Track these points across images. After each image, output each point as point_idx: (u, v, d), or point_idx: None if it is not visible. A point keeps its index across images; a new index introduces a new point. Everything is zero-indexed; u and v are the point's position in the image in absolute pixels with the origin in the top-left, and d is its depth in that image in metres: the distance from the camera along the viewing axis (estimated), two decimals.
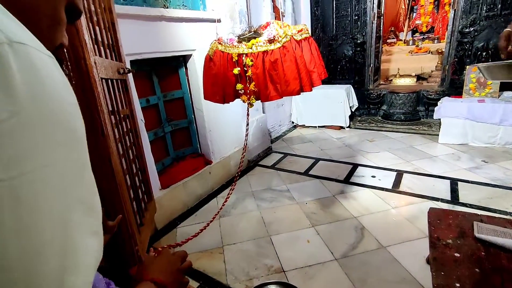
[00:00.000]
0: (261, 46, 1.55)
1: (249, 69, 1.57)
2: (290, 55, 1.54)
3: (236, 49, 1.61)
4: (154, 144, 2.35)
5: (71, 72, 0.87)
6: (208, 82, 1.83)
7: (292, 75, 1.56)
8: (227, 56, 1.67)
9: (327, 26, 4.71)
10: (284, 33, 1.54)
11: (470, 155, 3.09)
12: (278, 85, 1.59)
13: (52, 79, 0.25)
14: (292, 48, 1.55)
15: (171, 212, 2.29)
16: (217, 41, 1.75)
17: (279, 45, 1.53)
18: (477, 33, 3.74)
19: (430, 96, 4.23)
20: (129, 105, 1.55)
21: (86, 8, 1.04)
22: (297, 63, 1.55)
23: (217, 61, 1.72)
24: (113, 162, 1.03)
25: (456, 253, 1.35)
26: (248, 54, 1.57)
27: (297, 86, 1.59)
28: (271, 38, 1.55)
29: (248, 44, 1.58)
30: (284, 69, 1.55)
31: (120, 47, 1.47)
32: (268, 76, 1.58)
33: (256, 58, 1.56)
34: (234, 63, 1.65)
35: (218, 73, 1.74)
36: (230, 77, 1.69)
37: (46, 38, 0.35)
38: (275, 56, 1.55)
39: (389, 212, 2.18)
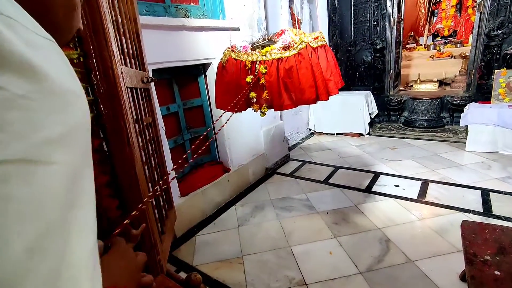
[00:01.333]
0: (275, 53, 1.51)
1: (263, 77, 1.53)
2: (305, 62, 1.49)
3: (249, 57, 1.58)
4: (174, 151, 2.37)
5: (99, 81, 0.88)
6: (220, 90, 1.80)
7: (307, 83, 1.50)
8: (240, 63, 1.63)
9: (345, 32, 4.65)
10: (300, 40, 1.49)
11: (501, 164, 2.91)
12: (292, 93, 1.54)
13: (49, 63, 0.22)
14: (308, 55, 1.50)
15: (190, 219, 2.28)
16: (230, 49, 1.72)
17: (294, 52, 1.48)
18: (505, 36, 3.57)
19: (455, 102, 4.06)
20: (152, 113, 1.56)
21: (114, 20, 1.06)
22: (313, 71, 1.50)
23: (230, 69, 1.70)
24: (137, 171, 1.03)
25: (496, 271, 1.24)
26: (262, 61, 1.53)
27: (313, 94, 1.53)
28: (286, 45, 1.51)
29: (262, 51, 1.54)
30: (300, 76, 1.49)
31: (143, 56, 1.50)
32: (282, 84, 1.53)
33: (270, 65, 1.52)
34: (247, 70, 1.61)
35: (230, 81, 1.71)
36: (243, 85, 1.65)
37: (64, 27, 0.34)
38: (290, 63, 1.50)
39: (416, 224, 2.07)
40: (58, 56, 0.25)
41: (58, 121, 0.22)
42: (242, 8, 2.66)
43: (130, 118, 1.05)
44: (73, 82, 0.26)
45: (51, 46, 0.24)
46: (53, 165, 0.21)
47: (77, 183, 0.24)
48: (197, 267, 1.84)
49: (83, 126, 0.26)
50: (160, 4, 2.08)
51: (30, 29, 0.22)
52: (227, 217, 2.41)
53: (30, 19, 0.23)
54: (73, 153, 0.23)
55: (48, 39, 0.24)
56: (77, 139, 0.24)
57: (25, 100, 0.19)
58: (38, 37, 0.23)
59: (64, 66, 0.25)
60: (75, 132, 0.24)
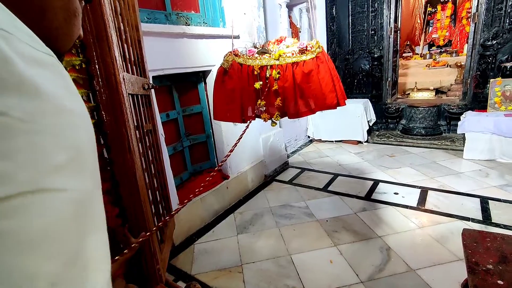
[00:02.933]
0: (289, 57, 1.40)
1: (275, 83, 1.42)
2: (324, 66, 1.40)
3: (258, 61, 1.46)
4: (173, 158, 2.36)
5: (101, 87, 0.88)
6: (222, 99, 1.64)
7: (328, 87, 1.41)
8: (247, 68, 1.51)
9: (343, 41, 4.71)
10: (317, 43, 1.42)
11: (499, 171, 2.93)
12: (310, 99, 1.44)
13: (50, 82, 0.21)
14: (325, 59, 1.42)
15: (188, 227, 2.25)
16: (233, 53, 1.60)
17: (312, 56, 1.39)
18: (500, 46, 3.63)
19: (452, 110, 4.10)
20: (152, 120, 1.56)
21: (117, 27, 1.06)
22: (331, 75, 1.42)
23: (234, 75, 1.57)
24: (138, 178, 1.02)
25: (499, 280, 1.23)
26: (274, 66, 1.42)
27: (334, 99, 1.44)
28: (303, 47, 1.41)
29: (275, 55, 1.44)
30: (320, 80, 1.40)
31: (145, 63, 1.50)
32: (298, 90, 1.43)
33: (285, 70, 1.41)
34: (255, 76, 1.49)
35: (235, 88, 1.58)
36: (251, 92, 1.54)
37: (64, 33, 0.33)
38: (309, 67, 1.40)
39: (416, 232, 2.06)
40: (59, 74, 0.23)
41: (65, 145, 0.21)
42: (242, 17, 2.69)
43: (131, 125, 1.05)
44: (76, 101, 0.25)
45: (51, 62, 0.23)
46: (65, 192, 0.20)
47: (89, 207, 0.23)
48: (195, 276, 1.80)
49: (89, 147, 0.25)
50: (161, 11, 2.10)
51: (28, 43, 0.21)
52: (226, 225, 2.39)
53: (28, 31, 0.22)
54: (82, 176, 0.22)
55: (49, 55, 0.23)
56: (85, 161, 0.24)
57: (28, 125, 0.18)
58: (37, 52, 0.22)
59: (66, 84, 0.24)
60: (83, 154, 0.23)
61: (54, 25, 0.31)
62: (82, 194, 0.22)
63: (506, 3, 3.50)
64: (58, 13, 0.31)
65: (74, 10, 0.33)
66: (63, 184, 0.20)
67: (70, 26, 0.34)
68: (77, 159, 0.22)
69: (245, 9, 2.71)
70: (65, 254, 0.19)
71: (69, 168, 0.21)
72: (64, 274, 0.19)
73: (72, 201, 0.21)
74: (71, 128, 0.22)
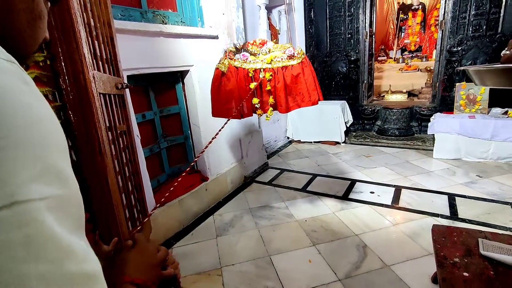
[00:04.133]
0: (279, 61, 1.66)
1: (268, 83, 1.68)
2: (308, 69, 1.68)
3: (252, 65, 1.69)
4: (150, 160, 2.29)
5: (68, 86, 0.83)
6: (220, 98, 1.86)
7: (311, 86, 1.70)
8: (243, 71, 1.74)
9: (321, 43, 4.82)
10: (301, 51, 1.68)
11: (464, 170, 3.11)
12: (298, 96, 1.71)
13: (12, 91, 0.21)
14: (308, 63, 1.69)
15: (166, 231, 2.19)
16: (228, 57, 1.78)
17: (299, 61, 1.66)
18: (464, 52, 3.88)
19: (423, 112, 4.32)
20: (126, 120, 1.50)
21: (86, 23, 1.01)
22: (313, 76, 1.70)
23: (231, 77, 1.77)
24: (109, 181, 0.97)
25: (464, 272, 1.31)
26: (266, 69, 1.68)
27: (316, 96, 1.74)
28: (291, 54, 1.67)
29: (267, 59, 1.68)
30: (305, 81, 1.67)
31: (118, 61, 1.45)
32: (288, 90, 1.70)
33: (276, 73, 1.67)
34: (250, 78, 1.73)
35: (233, 89, 1.79)
36: (247, 92, 1.77)
37: (28, 36, 0.32)
38: (296, 70, 1.67)
39: (390, 229, 2.13)
40: (20, 81, 0.23)
41: (37, 154, 0.21)
42: (221, 17, 2.67)
43: (103, 125, 1.00)
44: (44, 108, 0.24)
45: (14, 70, 0.22)
46: (43, 201, 0.20)
47: (70, 211, 0.23)
48: None
49: (62, 151, 0.25)
50: (137, 9, 2.03)
51: None
52: (205, 228, 2.35)
53: None
54: (59, 182, 0.23)
55: (11, 61, 0.23)
56: (60, 166, 0.24)
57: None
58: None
59: (31, 91, 0.23)
60: (56, 160, 0.23)
61: (17, 28, 0.30)
62: (60, 201, 0.22)
63: (469, 13, 3.74)
64: (21, 15, 0.30)
65: (39, 12, 0.32)
66: (40, 193, 0.20)
67: (34, 28, 0.32)
68: (52, 165, 0.22)
69: (224, 10, 2.70)
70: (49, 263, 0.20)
71: (44, 176, 0.21)
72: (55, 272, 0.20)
73: (51, 208, 0.21)
74: (42, 136, 0.22)
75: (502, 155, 3.20)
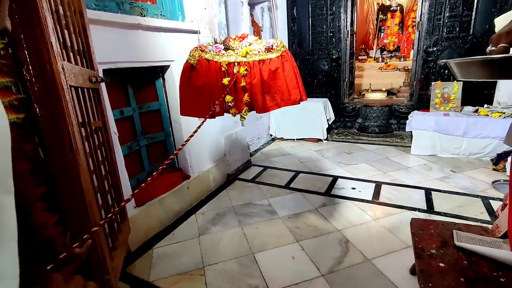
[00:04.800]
0: (256, 54, 1.47)
1: (243, 79, 1.48)
2: (288, 64, 1.50)
3: (225, 57, 1.49)
4: (128, 158, 2.20)
5: (33, 77, 0.76)
6: (190, 95, 1.64)
7: (292, 84, 1.51)
8: (214, 65, 1.54)
9: (303, 41, 4.85)
10: (281, 43, 1.49)
11: (439, 165, 3.24)
12: (277, 95, 1.52)
13: None
14: (289, 57, 1.51)
15: (146, 231, 2.12)
16: (199, 48, 1.60)
17: (278, 54, 1.47)
18: (439, 52, 4.03)
19: (401, 110, 4.46)
20: (102, 116, 1.43)
21: (54, 9, 0.94)
22: (295, 72, 1.51)
23: (202, 71, 1.57)
24: (82, 180, 0.92)
25: (440, 263, 1.35)
26: (241, 63, 1.47)
27: (298, 95, 1.55)
28: (269, 46, 1.48)
29: (242, 52, 1.48)
30: (285, 77, 1.49)
31: (92, 54, 1.37)
32: (266, 86, 1.50)
33: (252, 67, 1.48)
34: (223, 72, 1.53)
35: (204, 84, 1.59)
36: (219, 88, 1.56)
37: None
38: (275, 64, 1.48)
39: (371, 224, 2.18)
40: None
41: None
42: (202, 11, 2.61)
43: (74, 120, 0.94)
44: None
45: None
46: None
47: None
48: (154, 283, 1.70)
49: None
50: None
51: None
52: (187, 227, 2.30)
53: None
54: None
55: None
56: None
57: None
58: None
59: None
60: None
61: None
62: None
63: (443, 14, 3.89)
64: None
65: None
66: None
67: None
68: None
69: (206, 4, 2.64)
70: None
71: None
72: None
73: None
74: None
75: (473, 151, 3.36)
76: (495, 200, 2.41)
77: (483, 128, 3.25)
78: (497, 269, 1.25)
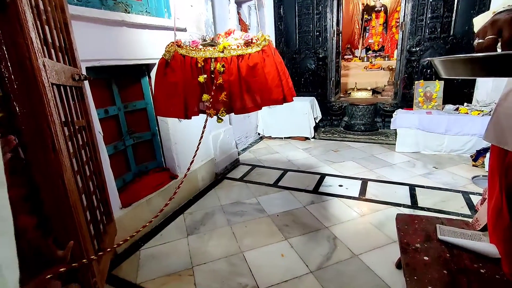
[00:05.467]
0: (234, 49, 1.34)
1: (220, 76, 1.35)
2: (270, 59, 1.37)
3: (202, 53, 1.36)
4: (114, 158, 2.15)
5: (12, 74, 0.73)
6: (164, 93, 1.51)
7: (274, 82, 1.38)
8: (190, 61, 1.40)
9: (290, 40, 4.87)
10: (263, 36, 1.38)
11: (423, 162, 3.35)
12: (257, 94, 1.40)
13: None
14: (272, 52, 1.39)
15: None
16: (176, 43, 1.47)
17: (258, 49, 1.35)
18: (422, 52, 4.15)
19: (386, 108, 4.56)
20: (86, 115, 1.39)
21: (33, 5, 0.90)
22: (278, 69, 1.39)
23: (177, 68, 1.44)
24: (66, 181, 0.89)
25: (425, 256, 1.39)
26: (218, 58, 1.35)
27: (280, 94, 1.42)
28: (248, 40, 1.36)
29: (219, 47, 1.35)
30: (266, 75, 1.36)
31: (74, 50, 1.33)
32: (244, 84, 1.38)
33: (230, 63, 1.35)
34: (199, 69, 1.40)
35: (178, 81, 1.46)
36: (194, 86, 1.44)
37: None
38: (254, 60, 1.35)
39: (358, 220, 2.22)
40: None
41: None
42: (189, 9, 2.58)
43: (57, 119, 0.90)
44: None
45: None
46: None
47: None
48: (141, 285, 1.67)
49: None
50: None
51: None
52: (175, 227, 2.27)
53: None
54: None
55: None
56: None
57: None
58: None
59: None
60: None
61: None
62: None
63: (426, 15, 4.01)
64: None
65: None
66: None
67: None
68: None
69: (192, 2, 2.60)
70: None
71: None
72: None
73: None
74: None
75: (454, 147, 3.49)
76: (474, 194, 2.51)
77: (463, 125, 3.37)
78: (477, 261, 1.30)
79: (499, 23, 0.63)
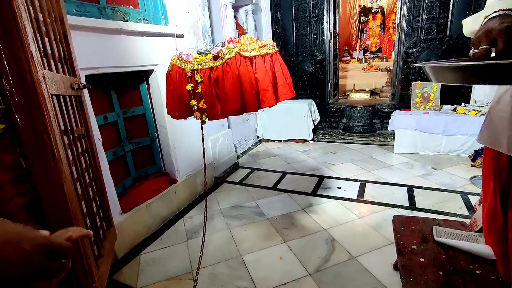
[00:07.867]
0: (207, 62, 1.51)
1: (199, 86, 1.53)
2: (232, 72, 1.48)
3: (189, 65, 1.56)
4: (113, 164, 2.17)
5: (13, 87, 0.75)
6: (168, 97, 1.78)
7: (233, 94, 1.50)
8: (182, 71, 1.61)
9: (288, 43, 4.91)
10: (228, 49, 1.49)
11: (421, 163, 3.36)
12: (220, 104, 1.56)
13: None
14: (236, 65, 1.49)
15: (133, 237, 2.10)
16: (177, 56, 1.70)
17: (221, 62, 1.49)
18: (418, 53, 4.18)
19: (384, 110, 4.59)
20: (85, 123, 1.41)
21: (33, 18, 0.93)
22: (240, 81, 1.49)
23: (174, 76, 1.66)
24: (66, 189, 0.91)
25: (421, 258, 1.41)
26: (198, 70, 1.53)
27: (238, 105, 1.53)
28: (215, 54, 1.51)
29: (198, 60, 1.53)
30: (226, 87, 1.49)
31: (73, 60, 1.35)
32: (215, 94, 1.54)
33: (204, 74, 1.52)
34: (188, 78, 1.59)
35: (174, 88, 1.68)
36: (184, 93, 1.64)
37: None
38: (217, 73, 1.50)
39: (356, 222, 2.24)
40: None
41: None
42: (186, 15, 2.61)
43: (56, 129, 0.93)
44: None
45: None
46: None
47: None
48: None
49: None
50: (94, 4, 1.91)
51: None
52: (175, 231, 2.29)
53: None
54: None
55: None
56: None
57: None
58: None
59: None
60: None
61: None
62: None
63: (421, 16, 4.04)
64: None
65: None
66: None
67: None
68: None
69: (189, 8, 2.64)
70: None
71: None
72: None
73: None
74: None
75: (452, 148, 3.51)
76: (473, 195, 2.52)
77: (461, 126, 3.39)
78: (473, 262, 1.32)
79: (494, 33, 0.63)
